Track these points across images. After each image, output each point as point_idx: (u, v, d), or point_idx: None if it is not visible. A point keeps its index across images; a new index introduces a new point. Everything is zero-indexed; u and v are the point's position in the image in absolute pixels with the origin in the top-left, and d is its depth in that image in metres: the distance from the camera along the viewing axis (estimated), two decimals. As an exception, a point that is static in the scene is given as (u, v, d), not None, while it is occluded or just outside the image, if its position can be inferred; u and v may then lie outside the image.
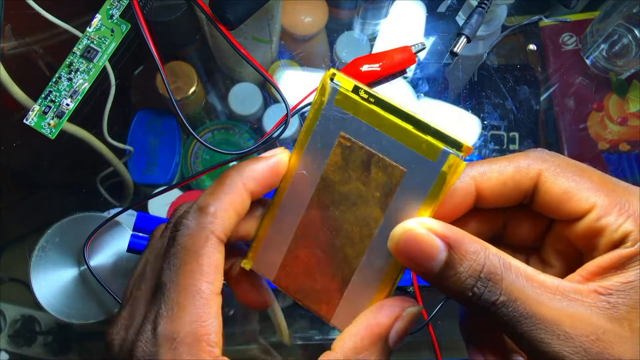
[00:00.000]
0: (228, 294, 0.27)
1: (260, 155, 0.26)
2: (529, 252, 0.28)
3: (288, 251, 0.27)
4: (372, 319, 0.25)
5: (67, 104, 0.44)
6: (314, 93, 0.26)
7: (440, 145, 0.24)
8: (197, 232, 0.24)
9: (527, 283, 0.21)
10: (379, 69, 0.46)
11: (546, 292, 0.21)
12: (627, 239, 0.22)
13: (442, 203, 0.24)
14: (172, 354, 0.22)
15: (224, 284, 0.25)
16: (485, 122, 0.49)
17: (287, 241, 0.27)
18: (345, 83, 0.25)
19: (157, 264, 0.26)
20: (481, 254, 0.22)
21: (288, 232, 0.27)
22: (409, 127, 0.24)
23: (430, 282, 0.23)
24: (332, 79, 0.25)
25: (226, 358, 0.24)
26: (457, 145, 0.23)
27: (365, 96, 0.24)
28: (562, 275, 0.23)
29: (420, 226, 0.23)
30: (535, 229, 0.27)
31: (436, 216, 0.24)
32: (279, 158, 0.26)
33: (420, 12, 0.52)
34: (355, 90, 0.25)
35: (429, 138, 0.24)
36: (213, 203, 0.24)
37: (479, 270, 0.22)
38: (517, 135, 0.50)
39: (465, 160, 0.24)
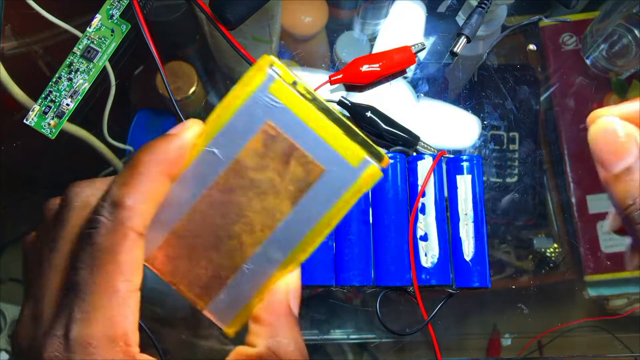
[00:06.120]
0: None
1: (171, 132, 0.25)
2: None
3: (173, 230, 0.25)
4: (271, 303, 0.25)
5: (67, 104, 0.44)
6: (247, 72, 0.25)
7: (364, 153, 0.25)
8: (114, 230, 0.22)
9: None
10: (379, 69, 0.46)
11: None
12: None
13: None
14: (87, 358, 0.21)
15: None
16: (485, 122, 0.49)
17: (174, 219, 0.25)
18: (285, 75, 0.25)
19: (58, 258, 0.24)
20: None
21: (178, 209, 0.25)
22: (339, 130, 0.25)
23: (602, 178, 0.24)
24: (271, 66, 0.25)
25: (145, 355, 0.23)
26: (379, 156, 0.25)
27: (303, 92, 0.25)
28: None
29: (623, 128, 0.24)
30: None
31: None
32: (193, 133, 0.25)
33: (420, 12, 0.52)
34: (294, 84, 0.25)
35: (356, 144, 0.25)
36: (129, 195, 0.22)
37: None
38: (517, 135, 0.50)
39: (383, 170, 0.25)
